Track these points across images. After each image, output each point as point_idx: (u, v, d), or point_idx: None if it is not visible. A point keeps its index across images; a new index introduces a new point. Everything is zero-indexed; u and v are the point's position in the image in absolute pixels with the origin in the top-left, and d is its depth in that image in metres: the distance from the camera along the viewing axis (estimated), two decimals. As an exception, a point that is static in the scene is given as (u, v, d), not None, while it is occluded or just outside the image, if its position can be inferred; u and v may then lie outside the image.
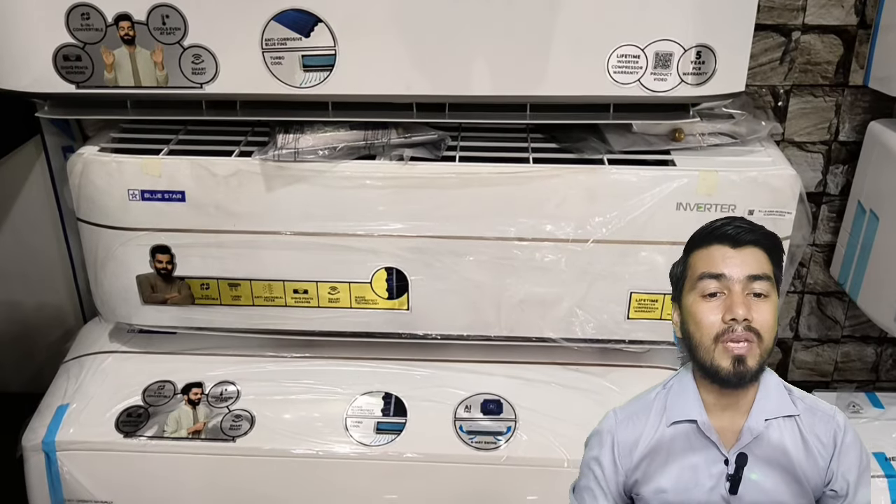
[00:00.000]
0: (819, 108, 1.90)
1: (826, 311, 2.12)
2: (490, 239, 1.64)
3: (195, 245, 1.67)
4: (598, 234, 1.62)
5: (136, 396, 1.73)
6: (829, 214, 2.01)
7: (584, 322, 1.71)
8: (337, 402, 1.72)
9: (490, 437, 1.66)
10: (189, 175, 1.62)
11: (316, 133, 1.62)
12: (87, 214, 1.68)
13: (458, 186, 1.60)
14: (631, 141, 1.68)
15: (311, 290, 1.71)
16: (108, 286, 1.74)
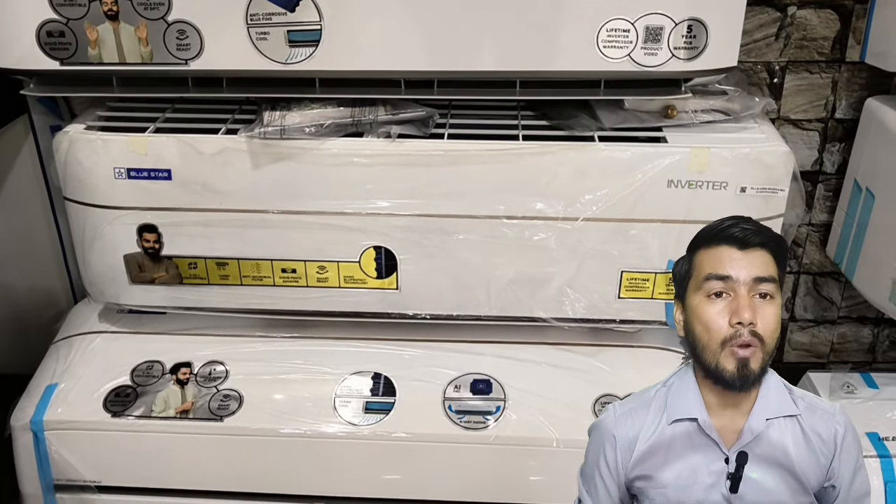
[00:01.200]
0: (815, 84, 1.87)
1: (822, 292, 2.10)
2: (479, 217, 1.63)
3: (182, 224, 1.66)
4: (589, 212, 1.60)
5: (125, 376, 1.73)
6: (825, 193, 1.98)
7: (574, 301, 1.69)
8: (326, 381, 1.71)
9: (479, 416, 1.65)
10: (175, 153, 1.60)
11: (303, 110, 1.60)
12: (73, 193, 1.67)
13: (447, 164, 1.58)
14: (622, 118, 1.65)
15: (300, 270, 1.69)
16: (95, 266, 1.73)
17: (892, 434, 1.68)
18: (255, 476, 1.68)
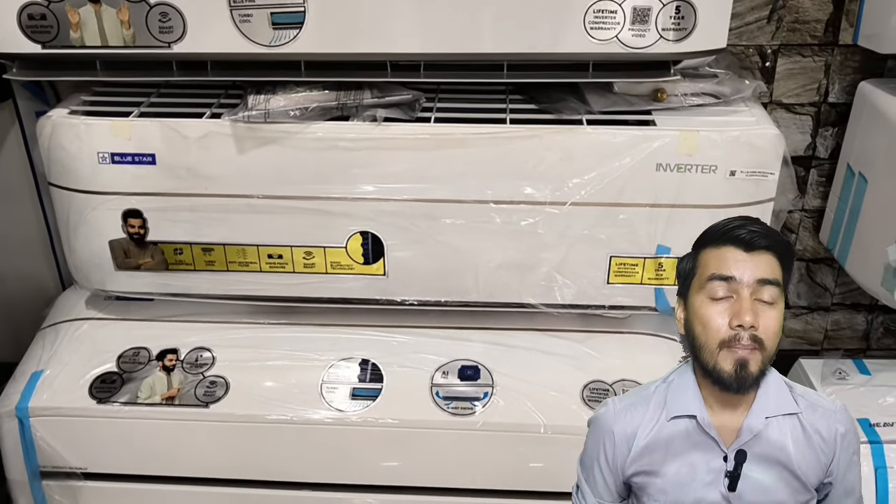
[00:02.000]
0: (808, 68, 1.85)
1: (816, 279, 2.09)
2: (466, 202, 1.61)
3: (167, 209, 1.65)
4: (577, 197, 1.58)
5: (111, 363, 1.72)
6: (818, 179, 1.96)
7: (563, 287, 1.68)
8: (313, 368, 1.70)
9: (467, 402, 1.64)
10: (159, 137, 1.59)
11: (288, 94, 1.59)
12: (57, 178, 1.66)
13: (433, 148, 1.57)
14: (611, 101, 1.64)
15: (286, 255, 1.68)
16: (81, 252, 1.72)
17: (883, 420, 1.67)
18: (242, 462, 1.68)
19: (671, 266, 1.65)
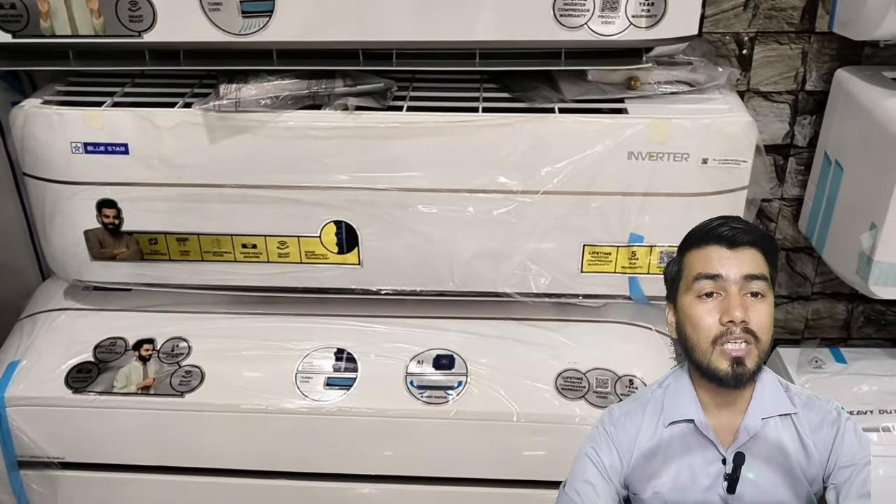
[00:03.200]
0: (785, 55, 1.84)
1: (796, 268, 2.08)
2: (440, 191, 1.61)
3: (141, 199, 1.65)
4: (549, 185, 1.58)
5: (87, 353, 1.72)
6: (797, 167, 1.96)
7: (537, 276, 1.68)
8: (288, 358, 1.70)
9: (440, 391, 1.64)
10: (131, 127, 1.59)
11: (259, 83, 1.58)
12: (31, 168, 1.66)
13: (404, 136, 1.57)
14: (585, 89, 1.63)
15: (260, 245, 1.68)
16: (57, 242, 1.72)
17: (857, 408, 1.67)
18: (217, 452, 1.68)
19: (644, 254, 1.65)
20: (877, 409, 1.68)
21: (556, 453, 1.61)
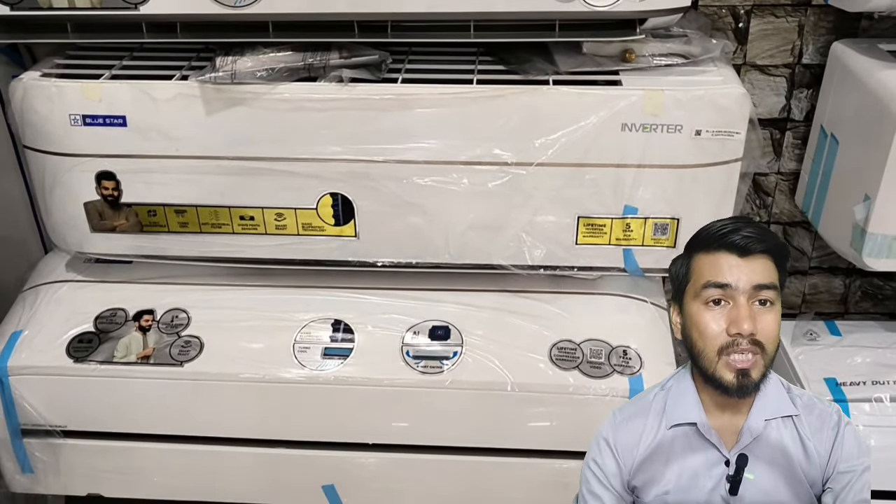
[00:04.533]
0: (781, 28, 1.84)
1: (792, 242, 2.09)
2: (435, 163, 1.62)
3: (140, 171, 1.66)
4: (543, 157, 1.59)
5: (88, 323, 1.75)
6: (793, 141, 1.96)
7: (532, 248, 1.69)
8: (286, 328, 1.72)
9: (436, 361, 1.66)
10: (129, 99, 1.60)
11: (255, 55, 1.59)
12: (31, 141, 1.68)
13: (399, 108, 1.58)
14: (579, 62, 1.64)
15: (258, 217, 1.70)
16: (57, 214, 1.74)
17: (849, 379, 1.68)
18: (216, 421, 1.71)
19: (639, 226, 1.65)
20: (870, 381, 1.69)
21: (550, 422, 1.64)
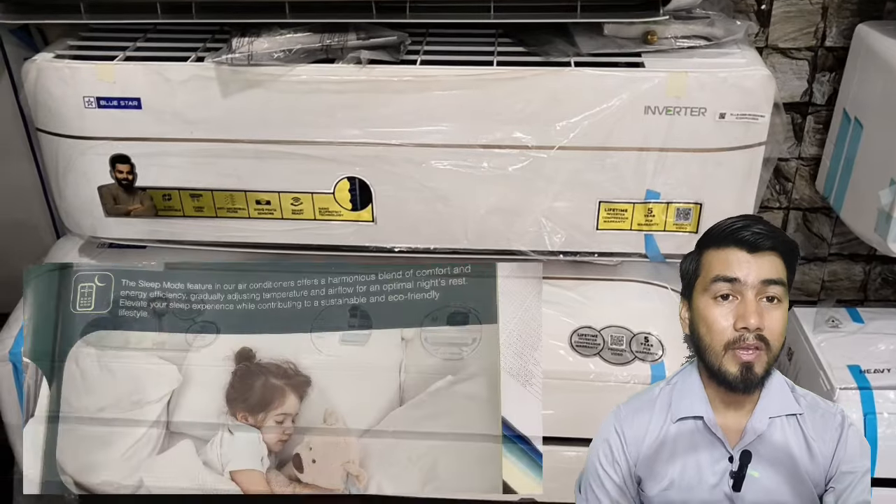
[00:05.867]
0: (804, 10, 1.81)
1: (812, 228, 2.07)
2: (454, 146, 1.60)
3: (155, 154, 1.64)
4: (564, 140, 1.57)
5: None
6: (815, 126, 1.93)
7: (552, 233, 1.67)
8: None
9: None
10: (144, 81, 1.58)
11: (272, 36, 1.57)
12: (44, 124, 1.66)
13: (418, 90, 1.55)
14: (601, 44, 1.61)
15: (274, 201, 1.68)
16: (70, 198, 1.72)
17: (873, 367, 1.66)
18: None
19: (661, 211, 1.63)
20: (894, 368, 1.67)
21: (571, 409, 1.61)
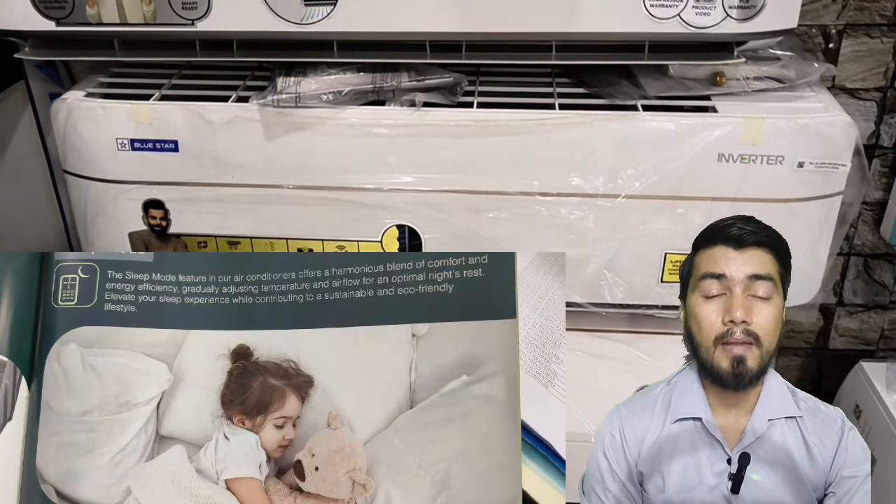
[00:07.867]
0: (875, 50, 1.73)
1: (874, 275, 1.97)
2: (511, 194, 1.50)
3: (191, 200, 1.55)
4: (631, 189, 1.47)
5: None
6: (881, 169, 1.84)
7: (613, 285, 1.57)
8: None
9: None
10: (182, 123, 1.48)
11: (319, 76, 1.48)
12: (73, 166, 1.56)
13: (476, 135, 1.46)
14: (667, 85, 1.52)
15: (317, 249, 1.58)
16: (99, 244, 1.62)
17: (956, 430, 1.56)
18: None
19: (730, 263, 1.53)
20: (974, 431, 1.57)
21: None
